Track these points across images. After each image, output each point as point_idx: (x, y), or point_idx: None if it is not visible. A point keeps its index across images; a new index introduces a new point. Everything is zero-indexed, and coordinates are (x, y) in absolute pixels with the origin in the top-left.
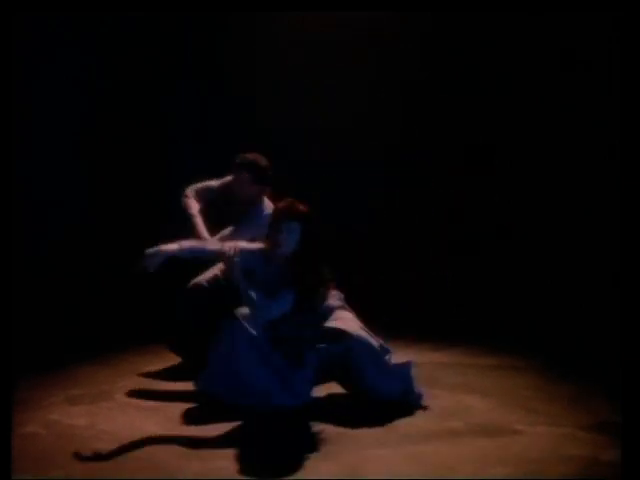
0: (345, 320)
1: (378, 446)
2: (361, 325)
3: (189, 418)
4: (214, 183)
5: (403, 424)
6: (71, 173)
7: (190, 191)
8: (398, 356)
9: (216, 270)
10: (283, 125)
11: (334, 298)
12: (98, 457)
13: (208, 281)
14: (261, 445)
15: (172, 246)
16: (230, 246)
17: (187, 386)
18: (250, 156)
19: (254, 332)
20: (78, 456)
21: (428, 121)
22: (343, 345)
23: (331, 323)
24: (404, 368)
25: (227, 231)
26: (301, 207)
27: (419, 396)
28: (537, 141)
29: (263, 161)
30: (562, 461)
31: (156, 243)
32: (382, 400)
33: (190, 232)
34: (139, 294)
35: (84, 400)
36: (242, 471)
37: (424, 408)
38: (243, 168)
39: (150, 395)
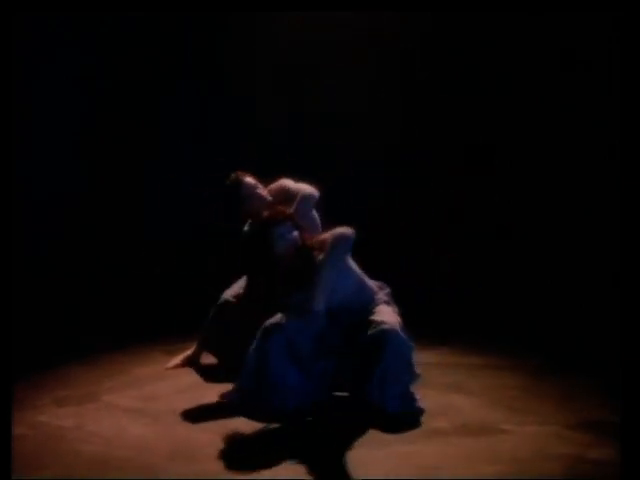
0: (384, 314)
1: (365, 446)
2: (399, 321)
3: (176, 420)
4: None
5: (390, 424)
6: (71, 173)
7: None
8: None
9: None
10: (283, 125)
11: (381, 292)
12: (85, 458)
13: (235, 297)
14: (248, 447)
15: None
16: None
17: (174, 387)
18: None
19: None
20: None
21: (428, 121)
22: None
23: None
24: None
25: None
26: (283, 210)
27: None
28: (537, 141)
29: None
30: (549, 460)
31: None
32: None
33: None
34: (129, 295)
35: (72, 401)
36: (228, 473)
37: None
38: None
39: (137, 396)
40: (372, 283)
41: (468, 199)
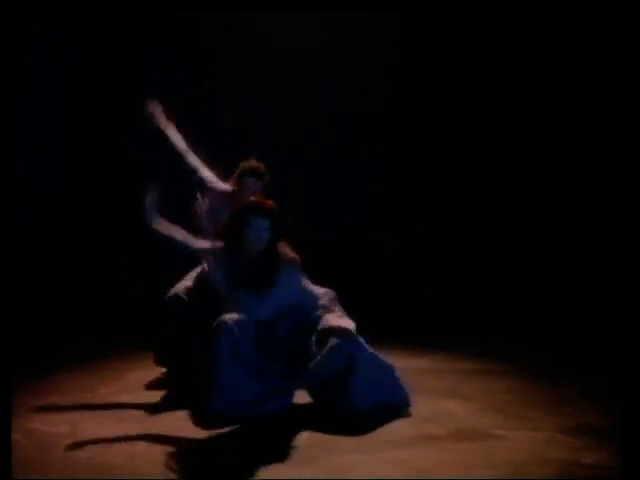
0: (338, 320)
1: (359, 452)
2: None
3: (170, 426)
4: (224, 185)
5: (384, 430)
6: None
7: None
8: None
9: (189, 281)
10: (281, 125)
11: (325, 298)
12: (79, 465)
13: (185, 292)
14: (241, 452)
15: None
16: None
17: (169, 394)
18: (258, 164)
19: (237, 335)
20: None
21: (427, 120)
22: (344, 353)
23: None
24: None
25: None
26: (270, 203)
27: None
28: (535, 140)
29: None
30: (543, 464)
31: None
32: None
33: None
34: (121, 299)
35: (65, 408)
36: (220, 479)
37: (406, 414)
38: (259, 176)
39: (131, 403)
40: (316, 289)
41: (460, 201)
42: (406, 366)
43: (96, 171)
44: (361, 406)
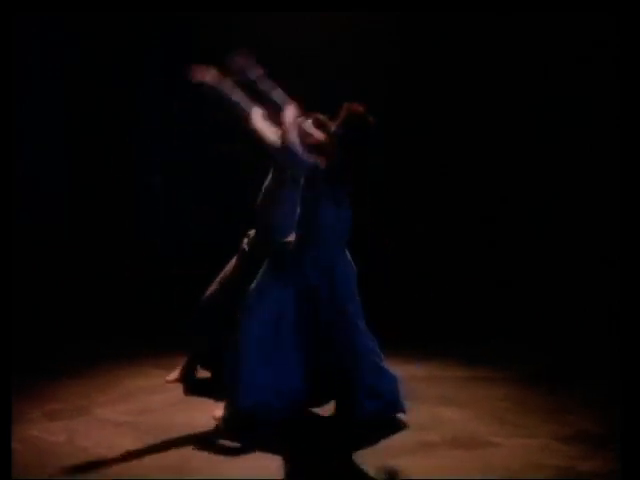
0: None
1: (357, 460)
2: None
3: (168, 433)
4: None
5: (381, 438)
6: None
7: None
8: None
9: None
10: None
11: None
12: (75, 473)
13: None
14: (239, 461)
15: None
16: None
17: (166, 401)
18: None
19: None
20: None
21: (427, 120)
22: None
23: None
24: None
25: None
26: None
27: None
28: (535, 140)
29: None
30: (539, 472)
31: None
32: (367, 413)
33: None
34: (118, 304)
35: (63, 415)
36: None
37: (403, 422)
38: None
39: (129, 410)
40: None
41: (460, 201)
42: (401, 373)
43: (96, 171)
44: (368, 406)
